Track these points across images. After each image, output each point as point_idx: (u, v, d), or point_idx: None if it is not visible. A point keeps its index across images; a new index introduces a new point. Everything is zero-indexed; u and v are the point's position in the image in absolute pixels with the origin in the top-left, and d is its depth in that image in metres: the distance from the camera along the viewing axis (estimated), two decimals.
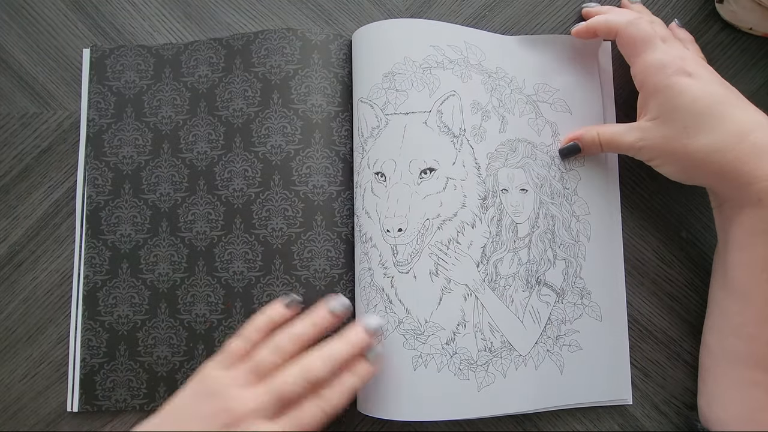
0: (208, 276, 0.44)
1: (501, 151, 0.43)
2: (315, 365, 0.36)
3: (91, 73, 0.47)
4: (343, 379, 0.37)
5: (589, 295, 0.43)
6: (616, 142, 0.41)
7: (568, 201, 0.44)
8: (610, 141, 0.42)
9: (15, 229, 0.47)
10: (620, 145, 0.41)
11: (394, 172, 0.42)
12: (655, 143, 0.39)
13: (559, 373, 0.42)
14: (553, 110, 0.45)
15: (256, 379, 0.36)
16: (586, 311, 0.43)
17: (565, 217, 0.44)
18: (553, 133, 0.45)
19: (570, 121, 0.45)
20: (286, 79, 0.44)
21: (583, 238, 0.44)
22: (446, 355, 0.40)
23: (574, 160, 0.45)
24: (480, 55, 0.44)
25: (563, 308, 0.42)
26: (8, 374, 0.46)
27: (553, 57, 0.46)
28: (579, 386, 0.42)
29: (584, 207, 0.44)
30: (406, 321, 0.41)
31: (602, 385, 0.42)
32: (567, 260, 0.43)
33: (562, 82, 0.46)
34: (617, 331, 0.43)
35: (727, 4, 0.44)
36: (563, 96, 0.45)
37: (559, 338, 0.42)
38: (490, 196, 0.42)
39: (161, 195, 0.45)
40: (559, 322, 0.42)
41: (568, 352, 0.42)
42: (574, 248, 0.43)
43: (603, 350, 0.43)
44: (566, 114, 0.45)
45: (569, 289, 0.43)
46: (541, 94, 0.45)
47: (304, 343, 0.37)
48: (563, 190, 0.44)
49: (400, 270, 0.41)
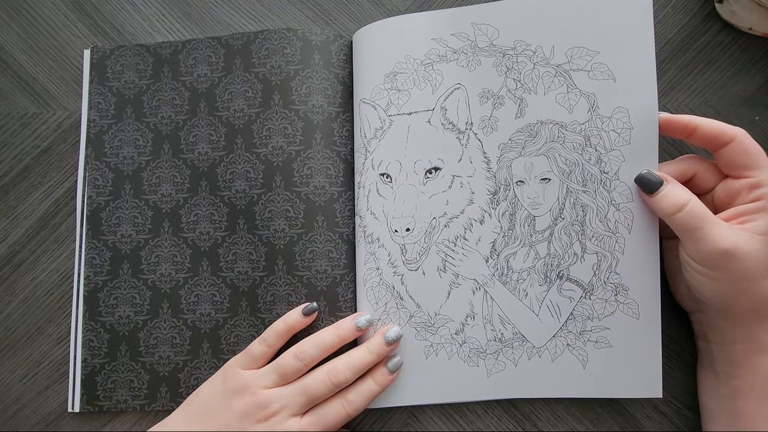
0: (213, 276, 0.44)
1: (517, 140, 0.41)
2: (341, 370, 0.38)
3: (92, 74, 0.47)
4: (365, 384, 0.40)
5: (625, 292, 0.40)
6: (704, 227, 0.35)
7: (606, 187, 0.40)
8: (697, 219, 0.35)
9: (15, 229, 0.47)
10: (703, 233, 0.35)
11: (400, 173, 0.42)
12: (746, 258, 0.34)
13: (582, 367, 0.40)
14: (591, 79, 0.40)
15: (280, 380, 0.39)
16: (620, 308, 0.40)
17: (601, 205, 0.40)
18: (590, 108, 0.40)
19: (614, 91, 0.39)
20: (286, 79, 0.44)
21: (622, 229, 0.40)
22: (456, 344, 0.42)
23: (618, 137, 0.39)
24: (492, 34, 0.41)
25: (591, 304, 0.40)
26: (8, 374, 0.46)
27: (591, 11, 0.40)
28: (605, 381, 0.40)
29: (627, 193, 0.39)
30: (417, 315, 0.42)
31: (633, 381, 0.40)
32: (600, 254, 0.40)
33: (604, 41, 0.39)
34: (652, 329, 0.40)
35: (727, 4, 0.44)
36: (605, 59, 0.40)
37: (583, 334, 0.40)
38: (501, 190, 0.41)
39: (162, 196, 0.45)
40: (584, 318, 0.40)
41: (593, 348, 0.40)
42: (610, 241, 0.40)
43: (638, 348, 0.40)
44: (609, 81, 0.39)
45: (600, 285, 0.40)
46: (575, 61, 0.40)
47: (327, 351, 0.40)
48: (600, 175, 0.40)
49: (410, 268, 0.42)
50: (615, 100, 0.39)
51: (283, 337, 0.41)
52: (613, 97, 0.39)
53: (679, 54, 0.46)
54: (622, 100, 0.39)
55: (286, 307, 0.42)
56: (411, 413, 0.44)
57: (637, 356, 0.40)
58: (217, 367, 0.43)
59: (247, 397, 0.38)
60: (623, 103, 0.40)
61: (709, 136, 0.37)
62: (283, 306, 0.43)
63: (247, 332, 0.43)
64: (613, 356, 0.40)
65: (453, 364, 0.42)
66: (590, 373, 0.41)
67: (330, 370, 0.39)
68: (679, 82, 0.45)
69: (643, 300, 0.40)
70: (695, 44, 0.46)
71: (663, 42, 0.46)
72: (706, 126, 0.37)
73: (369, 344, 0.40)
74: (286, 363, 0.39)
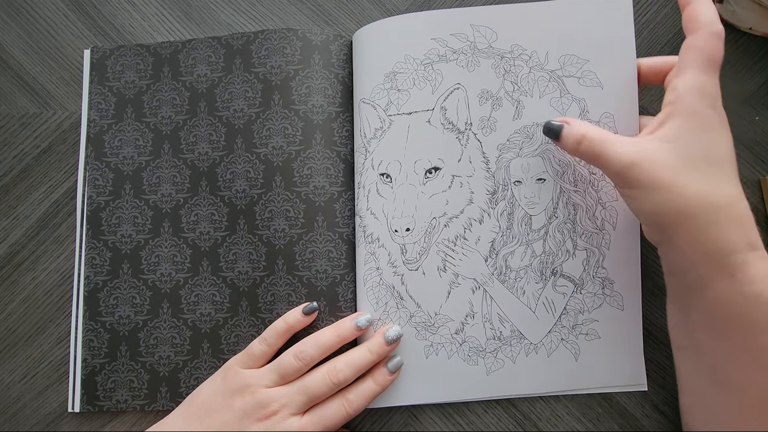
0: (213, 276, 0.44)
1: (514, 141, 0.42)
2: (341, 369, 0.39)
3: (92, 74, 0.47)
4: (365, 384, 0.40)
5: (611, 285, 0.42)
6: (605, 149, 0.35)
7: (594, 187, 0.42)
8: (597, 144, 0.35)
9: (15, 229, 0.47)
10: (605, 154, 0.35)
11: (400, 173, 0.42)
12: (653, 167, 0.33)
13: (574, 360, 0.42)
14: (581, 85, 0.41)
15: (280, 380, 0.39)
16: (607, 301, 0.42)
17: (590, 204, 0.42)
18: (581, 112, 0.41)
19: (601, 97, 0.41)
20: (286, 79, 0.44)
21: (608, 226, 0.42)
22: (456, 343, 0.42)
23: None
24: (490, 36, 0.42)
25: (581, 298, 0.42)
26: (8, 374, 0.46)
27: (581, 21, 0.41)
28: (595, 373, 0.42)
29: (612, 193, 0.42)
30: (417, 315, 0.42)
31: (620, 372, 0.42)
32: (589, 250, 0.42)
33: (592, 50, 0.41)
34: (635, 319, 0.42)
35: (727, 4, 0.44)
36: (593, 67, 0.41)
37: (575, 327, 0.42)
38: (500, 189, 0.42)
39: (162, 196, 0.45)
40: (576, 312, 0.42)
41: (585, 341, 0.42)
42: (597, 237, 0.42)
43: (623, 338, 0.42)
44: (597, 88, 0.41)
45: (589, 279, 0.42)
46: (567, 68, 0.42)
47: (327, 351, 0.40)
48: (589, 176, 0.42)
49: (410, 268, 0.42)
50: (602, 105, 0.41)
51: (283, 337, 0.41)
52: (601, 103, 0.41)
53: None
54: (608, 106, 0.41)
55: (286, 306, 0.42)
56: (411, 413, 0.44)
57: (622, 346, 0.42)
58: (217, 367, 0.43)
59: (248, 396, 0.38)
60: (609, 108, 0.42)
61: (653, 70, 0.40)
62: (283, 306, 0.43)
63: (248, 332, 0.43)
64: (602, 347, 0.42)
65: (453, 363, 0.42)
66: (582, 365, 0.42)
67: (330, 369, 0.39)
68: None
69: (627, 292, 0.42)
70: None
71: (663, 42, 0.46)
72: (648, 62, 0.40)
73: (369, 344, 0.40)
74: (286, 362, 0.39)
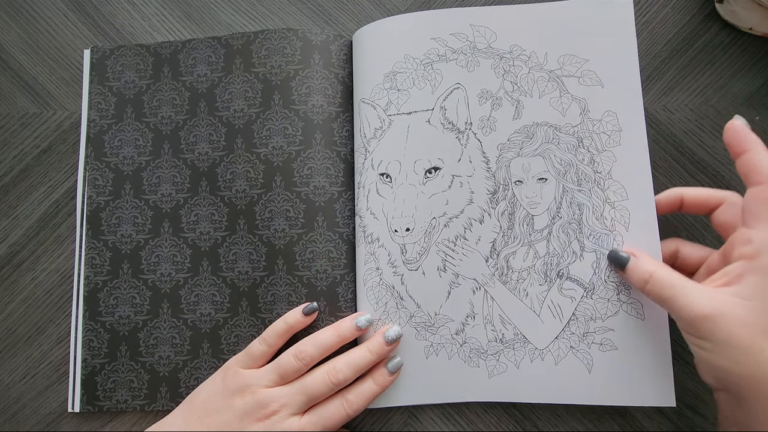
0: (213, 276, 0.44)
1: (515, 140, 0.41)
2: (341, 369, 0.39)
3: (92, 74, 0.47)
4: (364, 385, 0.40)
5: (627, 291, 0.40)
6: (674, 295, 0.33)
7: (600, 186, 0.40)
8: (666, 287, 0.34)
9: (15, 229, 0.47)
10: (675, 301, 0.33)
11: (399, 173, 0.42)
12: (731, 324, 0.30)
13: (587, 371, 0.40)
14: (581, 84, 0.41)
15: (279, 380, 0.39)
16: (623, 308, 0.40)
17: (597, 204, 0.40)
18: (581, 111, 0.41)
19: (602, 96, 0.41)
20: (286, 79, 0.44)
21: (619, 227, 0.40)
22: (456, 344, 0.41)
23: (609, 139, 0.40)
24: (490, 37, 0.42)
25: (593, 304, 0.40)
26: (8, 374, 0.46)
27: (580, 21, 0.42)
28: (613, 387, 0.39)
29: (621, 192, 0.40)
30: (417, 315, 0.42)
31: (641, 388, 0.39)
32: (598, 252, 0.40)
33: (592, 50, 0.41)
34: (659, 330, 0.39)
35: (727, 4, 0.44)
36: (593, 67, 0.41)
37: (586, 335, 0.40)
38: (500, 189, 0.42)
39: (162, 196, 0.45)
40: (587, 319, 0.40)
41: (599, 351, 0.39)
42: (607, 239, 0.40)
43: (644, 351, 0.39)
44: (597, 87, 0.41)
45: (601, 283, 0.40)
46: (567, 68, 0.41)
47: (327, 351, 0.40)
48: (594, 175, 0.41)
49: (410, 268, 0.42)
50: (604, 104, 0.41)
51: (283, 337, 0.41)
52: (602, 102, 0.41)
53: (679, 54, 0.46)
54: (610, 104, 0.41)
55: (286, 307, 0.42)
56: (411, 413, 0.44)
57: (645, 360, 0.39)
58: (217, 367, 0.43)
59: (247, 396, 0.38)
60: (611, 107, 0.41)
61: (697, 203, 0.38)
62: (283, 306, 0.43)
63: (248, 332, 0.43)
64: (620, 360, 0.39)
65: (453, 364, 0.41)
66: (596, 378, 0.39)
67: (330, 369, 0.39)
68: (680, 82, 0.45)
69: (647, 299, 0.39)
70: (695, 44, 0.46)
71: (663, 42, 0.46)
72: (692, 194, 0.38)
73: (369, 344, 0.40)
74: (286, 362, 0.39)
